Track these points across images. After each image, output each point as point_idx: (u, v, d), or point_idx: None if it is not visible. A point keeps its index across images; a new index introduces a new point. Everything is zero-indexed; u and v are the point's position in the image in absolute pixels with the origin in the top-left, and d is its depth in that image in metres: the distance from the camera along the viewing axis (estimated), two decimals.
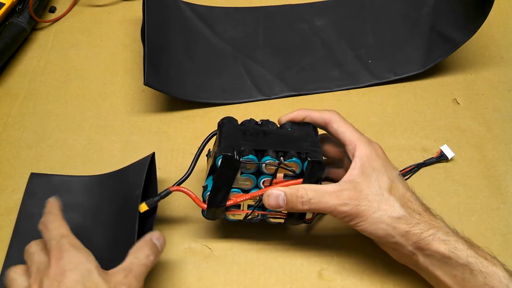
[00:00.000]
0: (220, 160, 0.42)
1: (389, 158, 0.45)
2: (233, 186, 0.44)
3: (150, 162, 0.48)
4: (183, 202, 0.51)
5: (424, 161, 0.55)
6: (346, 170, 0.44)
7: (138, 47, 0.64)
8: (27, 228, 0.50)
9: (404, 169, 0.54)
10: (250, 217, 0.46)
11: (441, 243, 0.41)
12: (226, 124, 0.46)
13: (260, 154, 0.44)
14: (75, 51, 0.66)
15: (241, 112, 0.60)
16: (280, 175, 0.44)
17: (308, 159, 0.43)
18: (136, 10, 0.70)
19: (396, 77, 0.62)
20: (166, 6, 0.63)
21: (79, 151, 0.57)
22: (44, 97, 0.61)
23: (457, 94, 0.61)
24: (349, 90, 0.62)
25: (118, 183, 0.51)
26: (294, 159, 0.43)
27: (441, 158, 0.55)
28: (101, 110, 0.60)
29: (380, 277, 0.47)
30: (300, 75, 0.63)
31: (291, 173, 0.44)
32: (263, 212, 0.46)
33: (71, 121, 0.59)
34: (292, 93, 0.61)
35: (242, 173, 0.44)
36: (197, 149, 0.47)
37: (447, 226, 0.42)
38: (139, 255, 0.40)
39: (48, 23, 0.69)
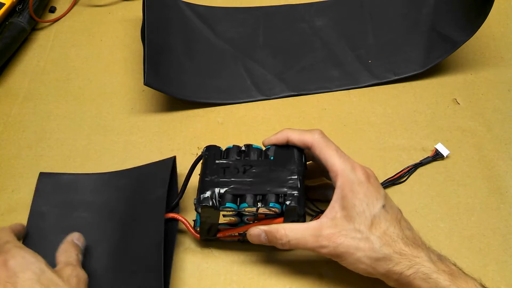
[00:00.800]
0: (200, 209, 0.44)
1: (389, 158, 0.45)
2: (219, 222, 0.46)
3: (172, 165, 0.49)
4: (182, 203, 0.51)
5: (420, 160, 0.55)
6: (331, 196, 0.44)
7: (138, 47, 0.64)
8: (38, 227, 0.50)
9: (401, 170, 0.54)
10: (243, 239, 0.48)
11: (423, 282, 0.40)
12: (208, 159, 0.47)
13: (239, 197, 0.44)
14: (75, 51, 0.66)
15: (241, 112, 0.60)
16: (262, 212, 0.44)
17: (286, 203, 0.43)
18: (136, 10, 0.70)
19: (396, 77, 0.62)
20: (166, 6, 0.63)
21: (79, 151, 0.57)
22: (44, 97, 0.61)
23: (457, 94, 0.61)
24: (349, 90, 0.62)
25: (132, 182, 0.51)
26: (271, 204, 0.43)
27: (437, 156, 0.55)
28: (101, 110, 0.60)
29: (380, 279, 0.47)
30: (300, 75, 0.63)
31: (272, 213, 0.44)
32: None
33: (71, 121, 0.59)
34: (292, 93, 0.61)
35: (224, 215, 0.45)
36: (196, 155, 0.49)
37: (429, 258, 0.41)
38: (69, 254, 0.43)
39: (48, 23, 0.69)
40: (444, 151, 0.55)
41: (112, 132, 0.58)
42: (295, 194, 0.43)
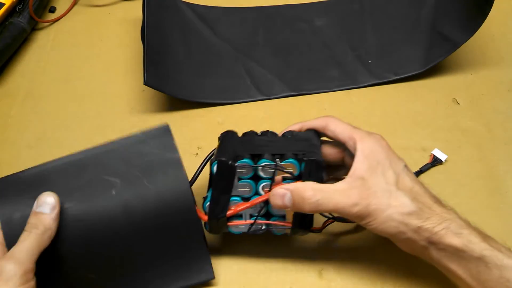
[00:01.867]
0: (216, 166, 0.42)
1: None
2: (232, 194, 0.43)
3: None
4: None
5: (420, 168, 0.54)
6: (349, 168, 0.43)
7: (138, 47, 0.64)
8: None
9: None
10: (253, 228, 0.45)
11: (454, 237, 0.39)
12: (226, 136, 0.46)
13: (256, 158, 0.43)
14: (75, 51, 0.66)
15: (241, 112, 0.60)
16: (278, 179, 0.43)
17: (305, 159, 0.42)
18: (136, 10, 0.70)
19: (396, 77, 0.62)
20: (166, 6, 0.63)
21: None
22: (44, 97, 0.62)
23: (457, 94, 0.61)
24: (349, 90, 0.62)
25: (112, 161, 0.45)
26: (290, 160, 0.42)
27: (435, 162, 0.55)
28: (101, 110, 0.60)
29: (380, 277, 0.47)
30: (300, 75, 0.63)
31: (289, 175, 0.43)
32: (267, 222, 0.45)
33: (71, 121, 0.59)
34: (292, 93, 0.61)
35: (239, 179, 0.43)
36: (204, 158, 0.46)
37: (459, 217, 0.41)
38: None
39: (48, 23, 0.69)
40: (442, 156, 0.55)
41: (112, 132, 0.58)
42: (315, 151, 0.43)
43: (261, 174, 0.43)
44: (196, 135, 0.58)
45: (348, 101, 0.61)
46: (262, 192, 0.44)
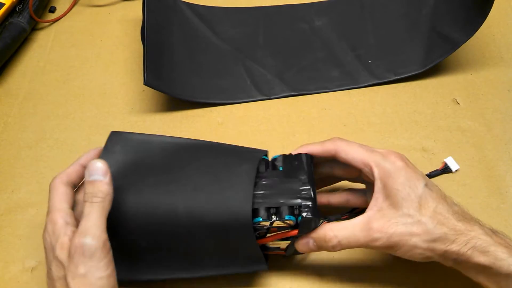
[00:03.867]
0: None
1: None
2: None
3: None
4: None
5: (429, 173, 0.54)
6: (369, 191, 0.42)
7: (138, 47, 0.64)
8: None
9: None
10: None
11: (481, 255, 0.39)
12: None
13: (252, 211, 0.42)
14: (75, 51, 0.66)
15: (241, 112, 0.60)
16: (276, 226, 0.42)
17: (302, 215, 0.41)
18: (136, 10, 0.70)
19: (396, 77, 0.62)
20: (166, 6, 0.63)
21: (79, 151, 0.57)
22: (44, 97, 0.62)
23: (457, 94, 0.61)
24: (349, 90, 0.62)
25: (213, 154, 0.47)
26: (286, 217, 0.41)
27: (446, 170, 0.54)
28: (101, 110, 0.60)
29: (380, 277, 0.47)
30: (300, 75, 0.63)
31: (286, 225, 0.42)
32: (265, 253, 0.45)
33: (71, 121, 0.59)
34: (292, 93, 0.61)
35: None
36: None
37: (484, 231, 0.40)
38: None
39: (48, 23, 0.69)
40: (454, 166, 0.54)
41: None
42: (310, 205, 0.42)
43: (258, 227, 0.42)
44: (196, 135, 0.58)
45: (348, 101, 0.61)
46: (257, 236, 0.43)
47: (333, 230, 0.41)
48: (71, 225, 0.39)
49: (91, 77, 0.64)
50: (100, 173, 0.40)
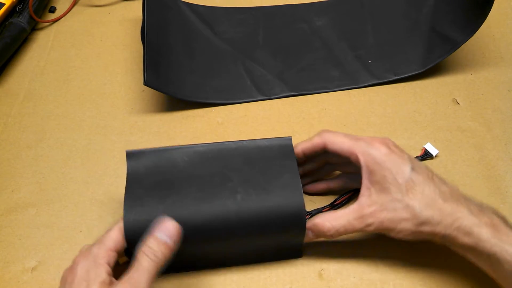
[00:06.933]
0: None
1: None
2: None
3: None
4: None
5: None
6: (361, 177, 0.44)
7: (138, 47, 0.64)
8: (136, 212, 0.43)
9: None
10: None
11: (465, 236, 0.40)
12: None
13: None
14: (75, 51, 0.66)
15: (241, 112, 0.60)
16: None
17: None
18: (136, 10, 0.70)
19: (396, 77, 0.62)
20: (166, 6, 0.63)
21: (79, 151, 0.57)
22: (44, 97, 0.62)
23: (457, 94, 0.61)
24: (349, 90, 0.62)
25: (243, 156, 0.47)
26: None
27: (426, 156, 0.55)
28: (101, 110, 0.60)
29: (380, 277, 0.47)
30: (300, 75, 0.63)
31: None
32: None
33: (71, 121, 0.59)
34: (292, 93, 0.61)
35: None
36: None
37: (470, 211, 0.41)
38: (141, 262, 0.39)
39: (48, 23, 0.69)
40: (433, 151, 0.55)
41: (112, 132, 0.58)
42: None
43: None
44: (196, 135, 0.58)
45: (348, 101, 0.61)
46: None
47: (330, 221, 0.44)
48: (111, 275, 0.39)
49: (91, 77, 0.64)
50: (169, 236, 0.40)
